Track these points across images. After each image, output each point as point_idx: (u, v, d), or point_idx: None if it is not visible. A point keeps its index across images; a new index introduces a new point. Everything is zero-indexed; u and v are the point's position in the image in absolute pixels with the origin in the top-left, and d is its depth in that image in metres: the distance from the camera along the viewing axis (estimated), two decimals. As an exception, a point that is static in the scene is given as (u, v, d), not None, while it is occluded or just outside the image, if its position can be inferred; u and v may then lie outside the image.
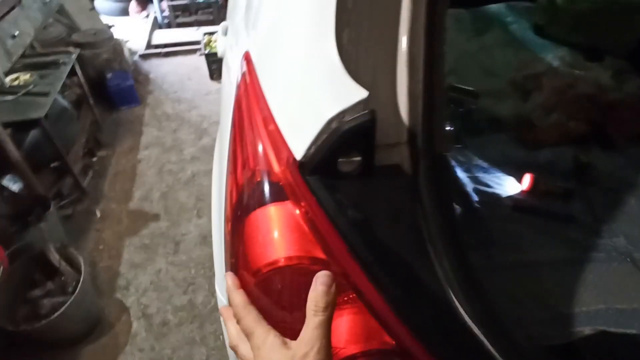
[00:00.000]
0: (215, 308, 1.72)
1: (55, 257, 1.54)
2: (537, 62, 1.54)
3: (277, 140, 0.50)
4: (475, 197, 1.09)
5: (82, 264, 1.55)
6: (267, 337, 0.39)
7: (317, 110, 0.45)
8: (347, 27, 0.49)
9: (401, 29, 0.49)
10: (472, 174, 1.18)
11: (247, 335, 0.41)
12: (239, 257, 0.49)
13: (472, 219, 1.03)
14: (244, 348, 0.42)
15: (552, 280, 0.88)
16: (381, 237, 0.46)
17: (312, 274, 0.43)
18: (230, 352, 0.94)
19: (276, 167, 0.48)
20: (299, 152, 0.46)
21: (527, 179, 1.12)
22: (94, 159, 2.50)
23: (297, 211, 0.45)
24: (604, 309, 0.81)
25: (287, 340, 0.39)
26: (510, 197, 1.11)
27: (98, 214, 2.16)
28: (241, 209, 0.51)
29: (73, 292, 1.47)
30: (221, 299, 0.88)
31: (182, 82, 3.40)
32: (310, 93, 0.49)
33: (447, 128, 1.25)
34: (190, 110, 3.03)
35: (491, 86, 1.52)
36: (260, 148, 0.52)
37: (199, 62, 3.57)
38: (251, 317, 0.42)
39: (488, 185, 1.14)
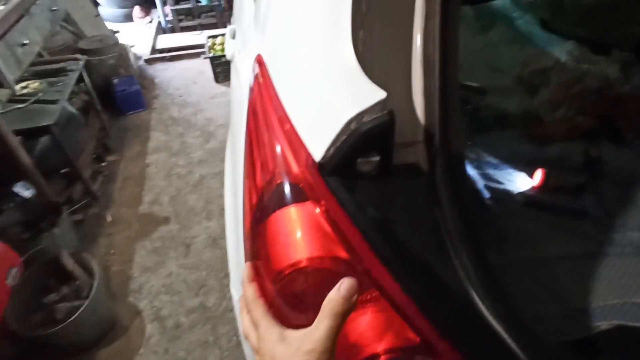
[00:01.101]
0: (227, 310, 1.73)
1: (69, 262, 1.56)
2: (544, 57, 1.53)
3: (295, 142, 0.51)
4: (487, 194, 1.09)
5: (96, 268, 1.57)
6: (270, 330, 0.41)
7: (335, 111, 0.46)
8: (362, 28, 0.49)
9: (415, 28, 0.50)
10: (483, 170, 1.18)
11: (255, 326, 0.44)
12: (260, 259, 0.50)
13: (484, 216, 1.03)
14: (253, 337, 0.44)
15: (566, 275, 0.88)
16: (401, 236, 0.46)
17: (335, 274, 0.44)
18: (245, 346, 0.95)
19: (295, 169, 0.49)
20: (318, 154, 0.47)
21: (539, 174, 1.12)
22: (103, 165, 2.53)
23: (318, 211, 0.46)
24: (620, 303, 0.81)
25: (289, 332, 0.40)
26: (521, 193, 1.11)
27: (109, 218, 2.18)
28: (261, 211, 0.52)
29: (87, 297, 1.49)
30: (236, 298, 0.89)
31: (187, 86, 3.42)
32: (327, 94, 0.49)
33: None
34: (196, 113, 3.05)
35: (498, 83, 1.52)
36: (278, 150, 0.53)
37: (203, 66, 3.59)
38: (259, 310, 0.45)
39: (499, 182, 1.14)
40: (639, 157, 1.22)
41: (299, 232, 0.46)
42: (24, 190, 1.95)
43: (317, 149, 0.47)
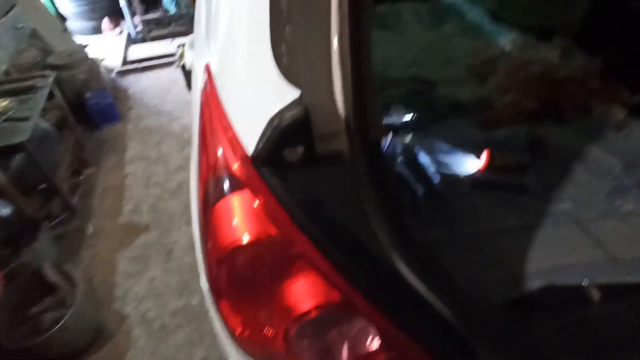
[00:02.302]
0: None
1: (50, 273, 1.60)
2: (492, 47, 1.64)
3: (233, 140, 0.58)
4: (437, 179, 1.18)
5: (78, 277, 1.61)
6: None
7: (262, 110, 0.54)
8: (282, 37, 0.57)
9: (332, 33, 0.58)
10: (435, 157, 1.27)
11: None
12: (210, 242, 0.57)
13: (435, 198, 1.12)
14: None
15: (507, 245, 0.97)
16: (326, 213, 0.54)
17: (268, 248, 0.52)
18: (226, 348, 1.01)
19: (233, 163, 0.56)
20: (250, 148, 0.54)
21: (484, 156, 1.22)
22: (81, 178, 2.55)
23: (253, 198, 0.53)
24: (552, 267, 0.91)
25: None
26: (469, 176, 1.20)
27: (90, 230, 2.21)
28: (207, 201, 0.59)
29: (72, 305, 1.53)
30: (206, 289, 0.96)
31: (161, 95, 3.45)
32: (256, 97, 0.57)
33: (407, 116, 1.33)
34: (171, 122, 3.09)
35: (451, 74, 1.61)
36: (220, 149, 0.60)
37: (176, 75, 3.61)
38: None
39: (449, 167, 1.23)
40: (577, 134, 1.32)
41: (238, 216, 0.54)
42: (1, 209, 1.98)
43: (250, 144, 0.55)
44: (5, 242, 1.77)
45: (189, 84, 3.54)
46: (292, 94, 0.52)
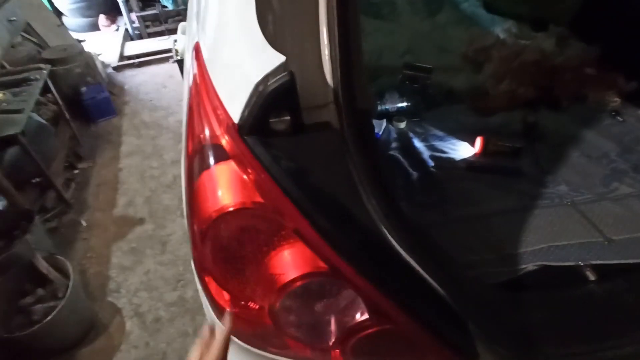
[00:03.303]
0: (205, 301, 1.77)
1: (43, 265, 1.58)
2: (487, 36, 1.63)
3: (219, 111, 0.57)
4: (431, 163, 1.17)
5: (70, 269, 1.59)
6: None
7: (247, 77, 0.52)
8: (270, 9, 0.56)
9: (320, 7, 0.57)
10: (429, 142, 1.26)
11: None
12: (194, 214, 0.56)
13: (429, 182, 1.11)
14: None
15: (501, 227, 0.97)
16: (314, 182, 0.53)
17: (253, 215, 0.51)
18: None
19: (218, 133, 0.55)
20: (236, 117, 0.53)
21: (478, 141, 1.21)
22: (76, 172, 2.53)
23: (239, 167, 0.52)
24: (546, 247, 0.90)
25: None
26: (464, 160, 1.20)
27: (84, 223, 2.19)
28: (192, 175, 0.58)
29: (64, 297, 1.52)
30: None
31: (157, 90, 3.43)
32: (242, 65, 0.56)
33: (402, 103, 1.32)
34: (167, 117, 3.07)
35: (446, 62, 1.61)
36: (206, 121, 0.59)
37: (172, 70, 3.60)
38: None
39: (443, 152, 1.22)
40: (572, 120, 1.32)
41: (223, 185, 0.53)
42: (-6, 201, 1.96)
43: (236, 112, 0.53)
44: (-2, 235, 1.75)
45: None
46: (276, 60, 0.51)
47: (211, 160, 0.54)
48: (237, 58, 0.59)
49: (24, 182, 2.19)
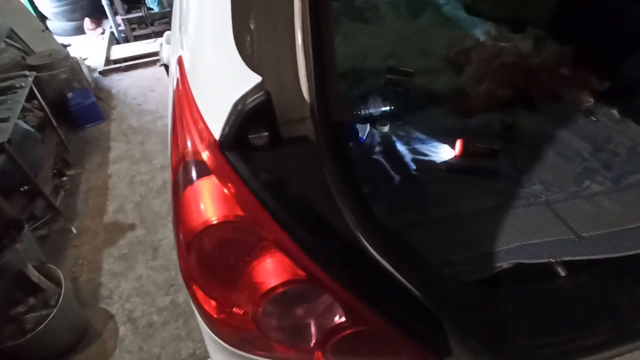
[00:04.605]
0: (198, 304, 1.79)
1: (34, 274, 1.59)
2: (467, 38, 1.67)
3: (201, 128, 0.59)
4: (413, 166, 1.21)
5: (62, 276, 1.60)
6: None
7: (227, 96, 0.55)
8: (247, 28, 0.58)
9: (296, 25, 0.59)
10: (411, 146, 1.30)
11: None
12: (180, 226, 0.58)
13: (410, 184, 1.15)
14: None
15: (479, 227, 1.01)
16: (293, 194, 0.56)
17: (236, 228, 0.54)
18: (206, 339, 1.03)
19: (200, 148, 0.57)
20: (217, 134, 0.56)
21: (458, 144, 1.25)
22: (64, 179, 2.53)
23: (220, 182, 0.55)
24: (520, 245, 0.94)
25: None
26: (444, 162, 1.24)
27: (74, 230, 2.20)
28: (177, 189, 0.60)
29: (56, 305, 1.53)
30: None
31: (145, 94, 3.42)
32: (221, 84, 0.58)
33: (385, 107, 1.35)
34: (155, 121, 3.07)
35: (428, 64, 1.65)
36: (188, 136, 0.62)
37: (159, 73, 3.60)
38: None
39: (425, 154, 1.26)
40: (548, 120, 1.37)
41: (206, 199, 0.55)
42: (-18, 211, 1.95)
43: (217, 129, 0.56)
44: (-13, 244, 1.75)
45: (172, 82, 3.51)
46: (253, 80, 0.54)
47: (194, 175, 0.57)
48: (216, 75, 0.62)
49: (11, 190, 2.19)
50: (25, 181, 2.15)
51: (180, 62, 0.81)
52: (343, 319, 0.55)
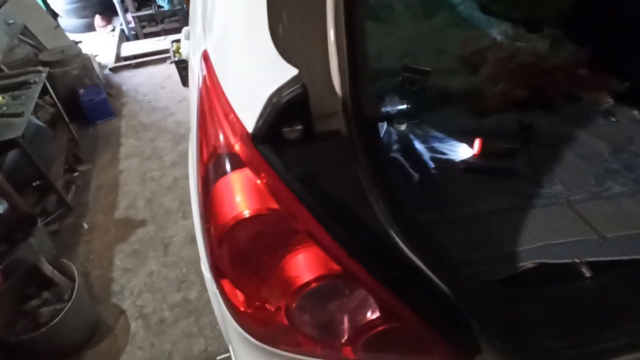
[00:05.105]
0: (209, 301, 1.79)
1: (47, 268, 1.60)
2: (483, 38, 1.66)
3: (232, 119, 0.59)
4: (432, 165, 1.20)
5: (75, 271, 1.61)
6: None
7: (261, 89, 0.55)
8: (280, 21, 0.58)
9: (328, 21, 0.59)
10: (429, 144, 1.29)
11: None
12: (211, 220, 0.58)
13: (429, 183, 1.15)
14: None
15: (499, 226, 1.00)
16: (325, 187, 0.56)
17: (269, 221, 0.53)
18: (226, 337, 1.03)
19: (233, 141, 0.57)
20: (250, 126, 0.56)
21: (477, 143, 1.24)
22: (76, 175, 2.54)
23: (254, 175, 0.55)
24: (542, 245, 0.93)
25: None
26: (462, 161, 1.23)
27: (85, 226, 2.21)
28: (208, 182, 0.60)
29: (69, 300, 1.53)
30: (207, 276, 0.98)
31: (155, 91, 3.44)
32: (255, 77, 0.58)
33: (402, 105, 1.35)
34: (165, 118, 3.08)
35: (443, 64, 1.64)
36: (220, 130, 0.62)
37: (169, 70, 3.61)
38: None
39: (443, 153, 1.26)
40: (566, 121, 1.36)
41: (239, 192, 0.55)
42: (-5, 205, 1.97)
43: (250, 122, 0.56)
44: (0, 239, 1.76)
45: (183, 80, 3.54)
46: (289, 73, 0.53)
47: (227, 168, 0.57)
48: (249, 68, 0.62)
49: (24, 185, 2.20)
50: (38, 176, 2.17)
51: (205, 56, 0.81)
52: (376, 315, 0.55)
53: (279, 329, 0.60)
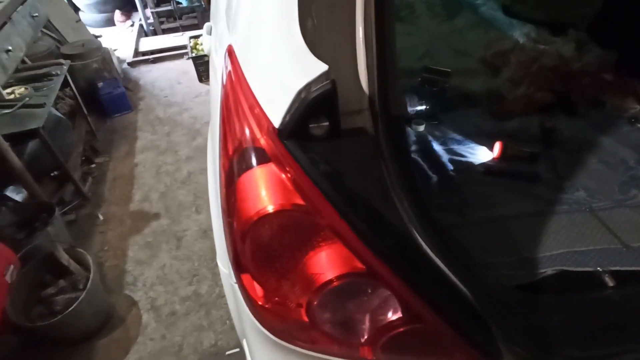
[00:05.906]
0: (220, 296, 1.81)
1: (64, 257, 1.62)
2: (505, 40, 1.64)
3: (258, 113, 0.59)
4: (450, 167, 1.19)
5: (91, 261, 1.64)
6: None
7: (289, 84, 0.55)
8: (310, 16, 0.58)
9: (357, 17, 0.59)
10: (448, 146, 1.27)
11: None
12: (234, 214, 0.58)
13: (448, 185, 1.13)
14: None
15: (519, 231, 0.98)
16: (350, 185, 0.55)
17: (294, 217, 0.53)
18: (239, 331, 1.03)
19: (259, 135, 0.57)
20: (276, 121, 0.55)
21: (497, 146, 1.22)
22: (93, 166, 2.58)
23: (279, 169, 0.55)
24: (564, 252, 0.91)
25: None
26: (482, 164, 1.21)
27: (101, 217, 2.24)
28: (232, 176, 0.60)
29: (84, 289, 1.56)
30: (224, 271, 0.98)
31: (171, 86, 3.47)
32: (283, 71, 0.58)
33: (421, 106, 1.34)
34: (181, 113, 3.11)
35: (463, 65, 1.62)
36: (245, 124, 0.61)
37: (186, 66, 3.64)
38: None
39: (462, 155, 1.24)
40: (590, 126, 1.33)
41: (263, 187, 0.55)
42: (15, 194, 2.01)
43: (276, 117, 0.56)
44: (19, 226, 1.80)
45: (199, 76, 3.56)
46: (318, 68, 0.53)
47: (252, 162, 0.57)
48: (277, 63, 0.61)
49: (43, 175, 2.24)
50: (56, 166, 2.21)
51: (230, 51, 0.81)
52: (398, 315, 0.54)
53: (298, 325, 0.59)
